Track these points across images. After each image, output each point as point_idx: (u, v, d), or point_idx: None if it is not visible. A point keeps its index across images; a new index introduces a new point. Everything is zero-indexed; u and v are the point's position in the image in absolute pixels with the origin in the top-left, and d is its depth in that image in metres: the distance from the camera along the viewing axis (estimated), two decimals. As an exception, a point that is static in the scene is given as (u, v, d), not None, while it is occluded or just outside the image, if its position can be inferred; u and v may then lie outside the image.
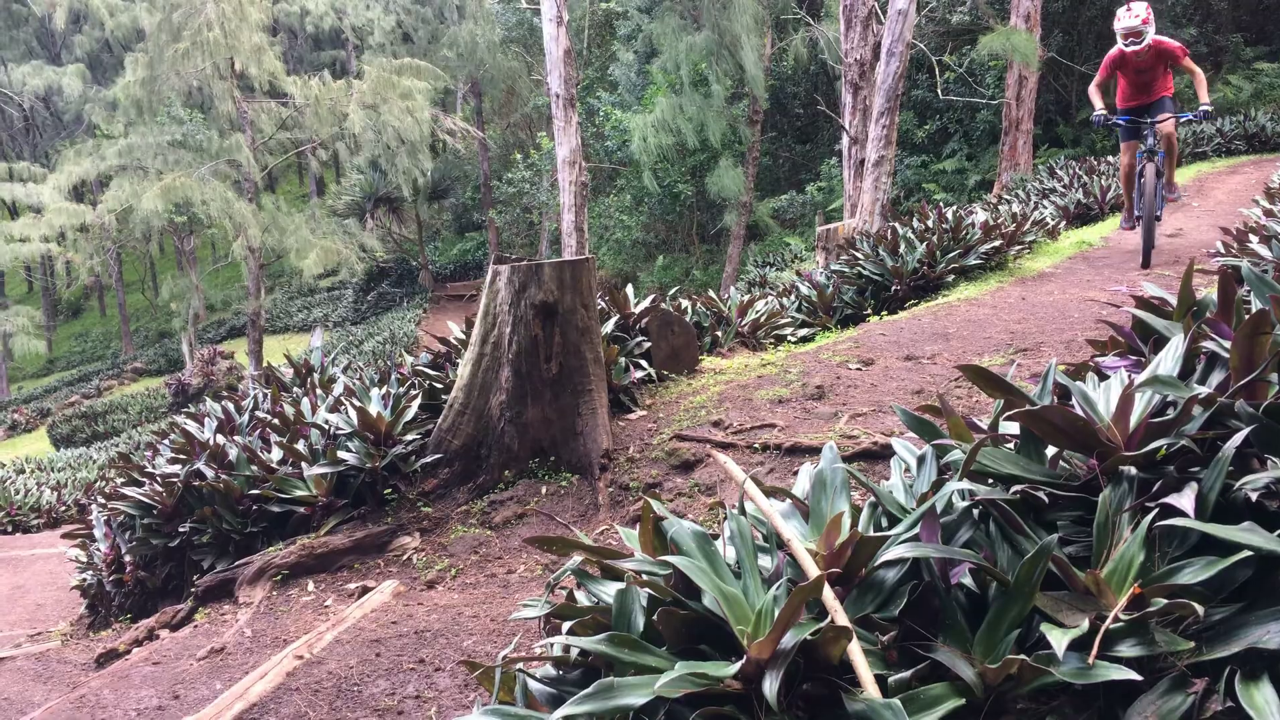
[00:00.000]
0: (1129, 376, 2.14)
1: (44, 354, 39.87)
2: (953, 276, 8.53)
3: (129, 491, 5.90)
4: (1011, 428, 2.11)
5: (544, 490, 5.11)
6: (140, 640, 5.00)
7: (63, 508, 13.77)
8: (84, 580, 6.64)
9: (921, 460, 2.10)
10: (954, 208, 10.45)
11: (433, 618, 4.01)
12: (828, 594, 1.68)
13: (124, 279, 48.27)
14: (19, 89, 32.65)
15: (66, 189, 29.34)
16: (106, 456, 19.38)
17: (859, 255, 9.00)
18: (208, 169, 25.06)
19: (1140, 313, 2.84)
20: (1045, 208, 11.91)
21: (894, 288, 8.42)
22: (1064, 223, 11.29)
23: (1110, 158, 16.03)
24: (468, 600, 4.21)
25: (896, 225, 9.79)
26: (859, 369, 5.68)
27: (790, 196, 25.21)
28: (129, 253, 48.01)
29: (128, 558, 5.91)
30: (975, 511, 1.90)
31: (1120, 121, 8.27)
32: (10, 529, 12.84)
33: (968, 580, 1.77)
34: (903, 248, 8.79)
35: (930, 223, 9.42)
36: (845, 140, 15.33)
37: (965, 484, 1.88)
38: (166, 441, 6.77)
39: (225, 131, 26.37)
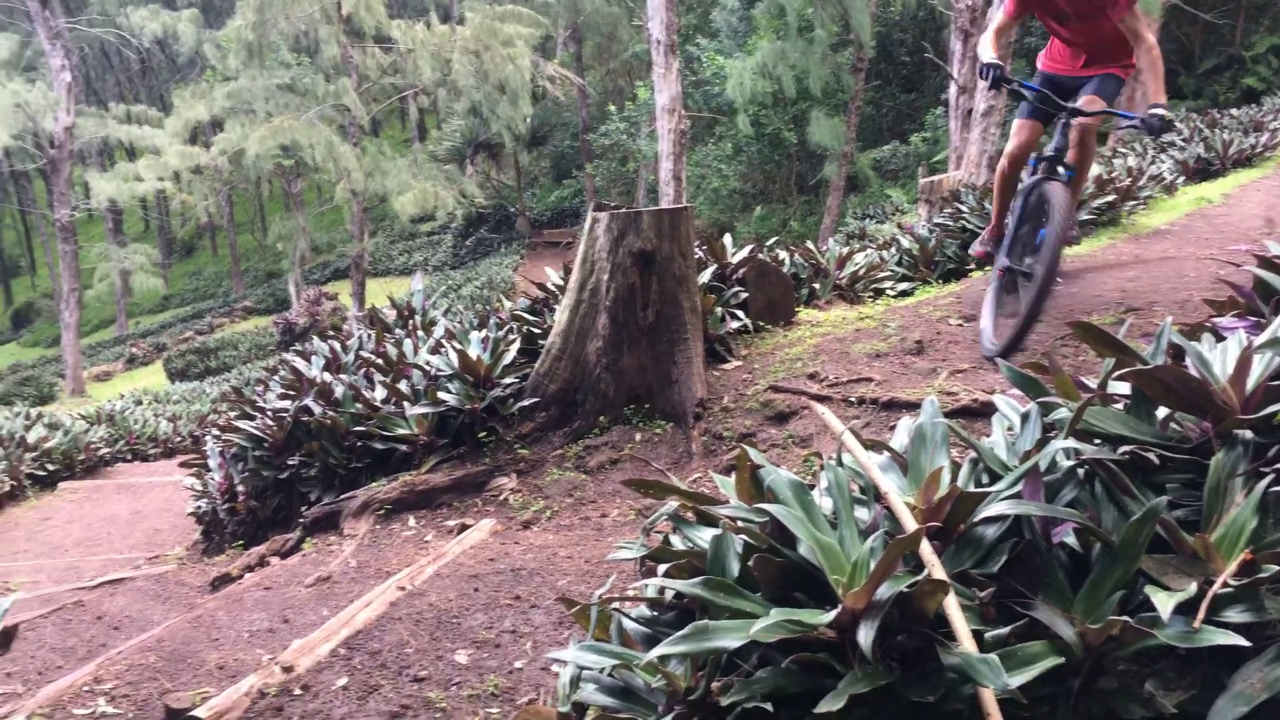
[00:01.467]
0: (1248, 338, 2.06)
1: (160, 291, 41.37)
2: (1061, 232, 8.27)
3: (242, 425, 6.14)
4: (1121, 387, 2.06)
5: (638, 437, 5.16)
6: (251, 566, 5.23)
7: (178, 438, 14.39)
8: (199, 508, 6.96)
9: (1025, 418, 2.07)
10: (1066, 160, 10.08)
11: (528, 557, 4.11)
12: (925, 548, 1.67)
13: (235, 220, 49.76)
14: (137, 32, 33.59)
15: (181, 131, 30.26)
16: (218, 391, 20.12)
17: (964, 208, 8.78)
18: (314, 113, 25.55)
19: (1262, 272, 2.73)
20: (1163, 162, 11.42)
21: (999, 242, 8.20)
22: (1182, 178, 10.81)
23: (1234, 110, 15.21)
24: (562, 541, 4.30)
25: (1004, 178, 9.49)
26: (960, 325, 5.58)
27: (893, 147, 24.66)
28: (240, 194, 49.45)
29: (240, 488, 6.17)
30: (1080, 471, 1.87)
31: (1027, 89, 5.11)
32: (130, 457, 13.46)
33: (1070, 540, 1.74)
34: (1010, 201, 8.55)
35: (1040, 176, 9.12)
36: (953, 89, 14.90)
37: (1071, 443, 1.85)
38: (276, 378, 7.01)
39: (331, 76, 26.80)
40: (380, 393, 5.78)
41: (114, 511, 9.85)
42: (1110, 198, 8.42)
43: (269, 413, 6.07)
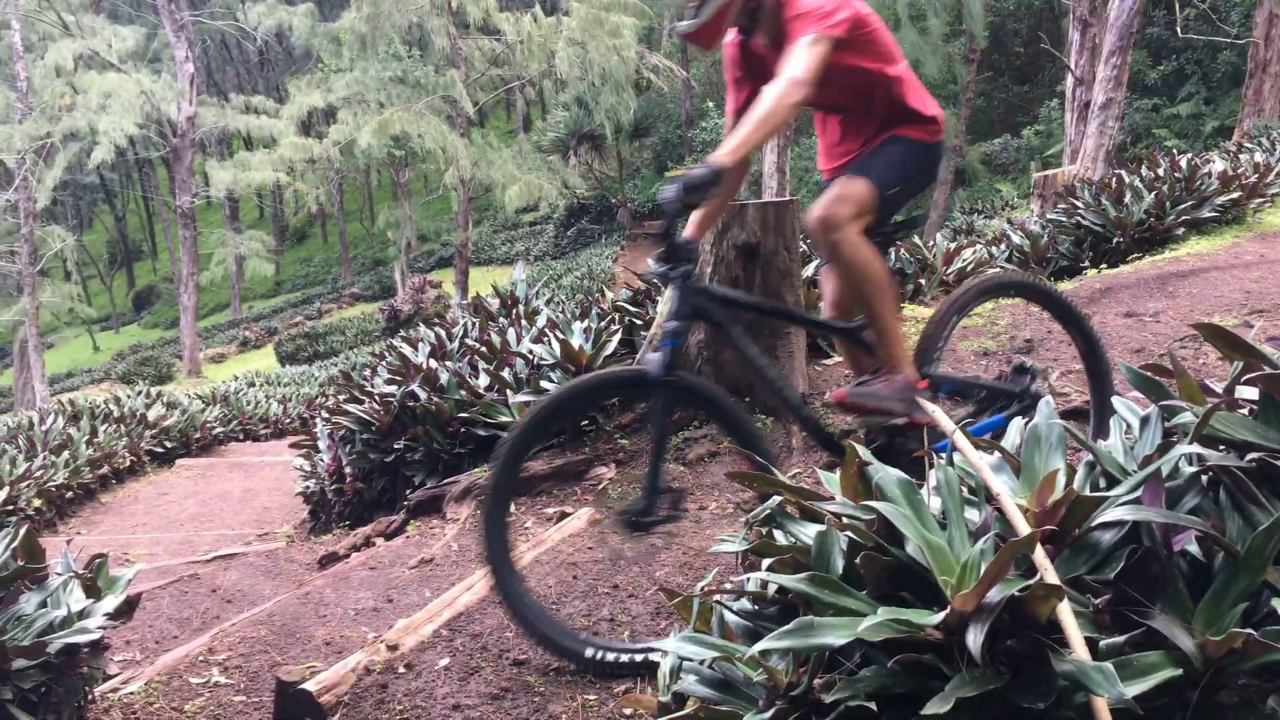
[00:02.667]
0: (1389, 344, 1.96)
1: (272, 276, 42.75)
2: (1182, 229, 7.97)
3: (350, 408, 6.31)
4: (1248, 392, 1.98)
5: (738, 430, 5.15)
6: (358, 546, 5.38)
7: (287, 420, 14.86)
8: (307, 488, 7.18)
9: (1145, 421, 2.00)
10: (1188, 155, 9.72)
11: (626, 546, 4.14)
12: (1039, 551, 1.63)
13: (344, 208, 51.11)
14: (255, 25, 34.75)
15: (296, 121, 31.18)
16: (326, 374, 20.71)
17: (1079, 204, 8.53)
18: (424, 104, 26.06)
19: (1406, 275, 2.59)
20: (1294, 157, 10.91)
21: (1115, 240, 7.94)
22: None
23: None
24: (660, 532, 4.31)
25: (1123, 173, 9.20)
26: (1073, 324, 5.42)
27: (1004, 140, 24.06)
28: (350, 183, 50.79)
29: (347, 469, 6.35)
30: (1203, 478, 1.80)
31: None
32: (242, 436, 13.96)
33: (1192, 548, 1.68)
34: (1128, 197, 8.27)
35: (1161, 171, 8.81)
36: (1070, 81, 14.46)
37: (1195, 448, 1.78)
38: (384, 363, 7.19)
39: (440, 68, 27.29)
40: (484, 380, 5.88)
41: (227, 489, 10.23)
42: (1235, 195, 8.09)
43: (376, 397, 6.23)
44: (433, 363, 6.36)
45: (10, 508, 8.43)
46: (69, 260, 31.91)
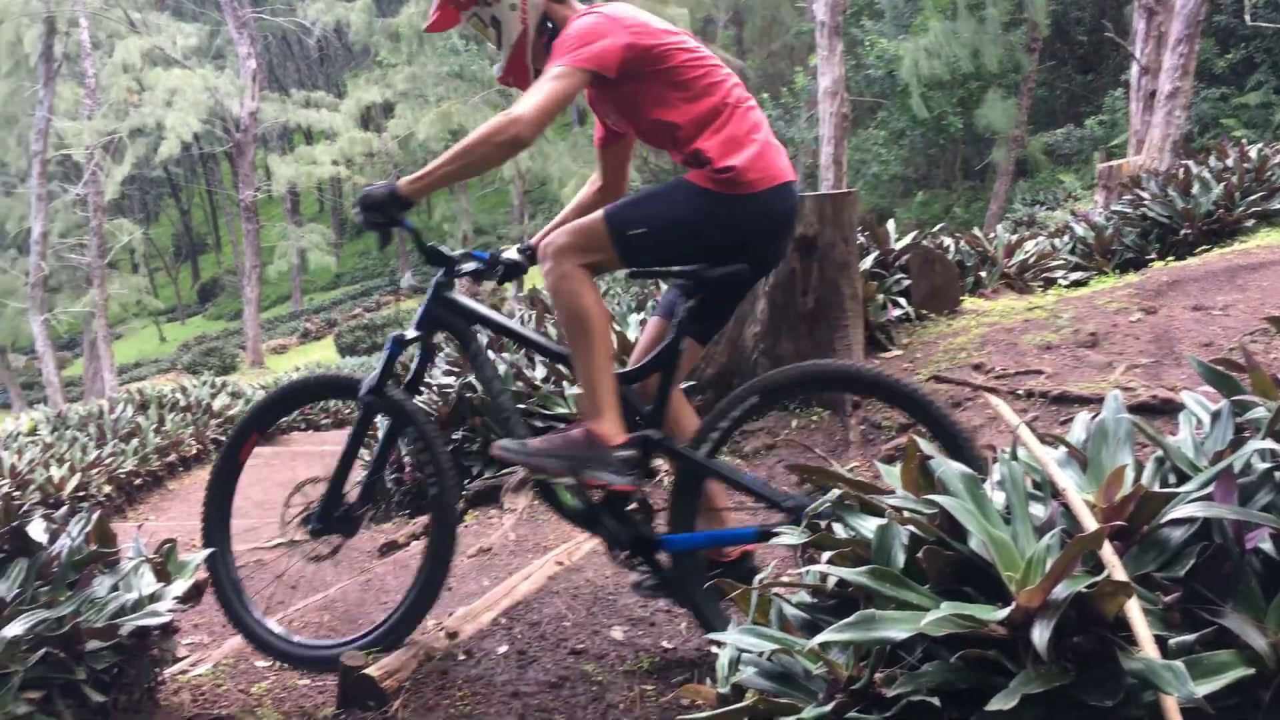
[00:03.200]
0: None
1: (332, 269, 43.40)
2: (1253, 221, 7.77)
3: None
4: (1325, 388, 1.93)
5: (794, 423, 5.13)
6: (416, 535, 5.45)
7: (347, 410, 15.07)
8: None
9: (1216, 416, 1.96)
10: (1258, 145, 9.46)
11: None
12: (1106, 548, 1.61)
13: (402, 202, 51.55)
14: (314, 21, 35.25)
15: (355, 116, 31.58)
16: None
17: (1144, 195, 8.35)
18: (480, 98, 26.25)
19: None
20: (1370, 146, 10.57)
21: (1183, 231, 7.76)
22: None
23: None
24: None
25: (1190, 164, 8.99)
26: (1139, 318, 5.32)
27: (1066, 130, 23.58)
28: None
29: (407, 459, 6.42)
30: (1277, 475, 1.76)
31: None
32: (304, 426, 14.19)
33: (1266, 546, 1.65)
34: (1196, 188, 8.08)
35: (1230, 161, 8.59)
36: (1134, 70, 14.15)
37: (1269, 444, 1.75)
38: (442, 355, 7.26)
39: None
40: (540, 372, 5.91)
41: (289, 477, 10.36)
42: (1308, 184, 7.87)
43: (435, 388, 6.30)
44: (490, 354, 6.40)
45: (82, 494, 8.66)
46: (136, 253, 32.69)
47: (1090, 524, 1.68)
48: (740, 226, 2.85)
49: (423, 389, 3.10)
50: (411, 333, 3.17)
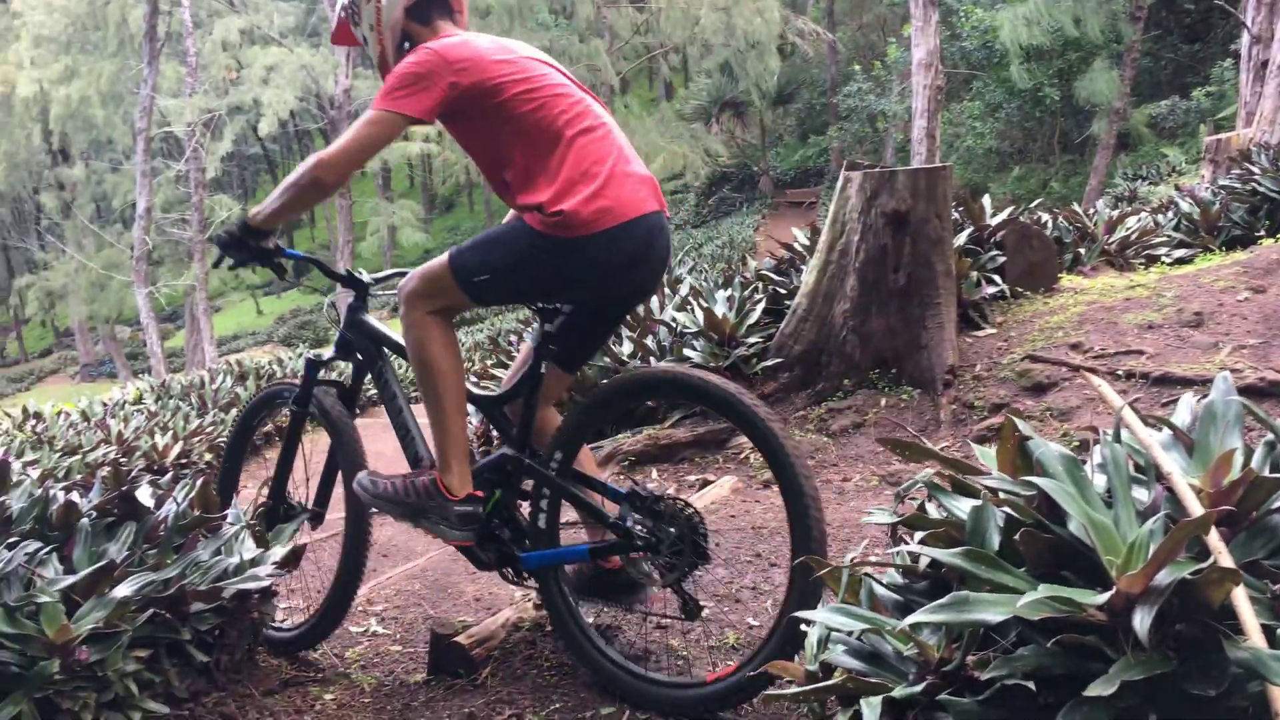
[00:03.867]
0: None
1: (422, 244, 43.98)
2: (1371, 196, 7.41)
3: (497, 373, 6.47)
4: None
5: (883, 402, 5.07)
6: (504, 507, 5.52)
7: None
8: (456, 449, 7.39)
9: (1333, 400, 1.88)
10: (1380, 116, 9.00)
11: (768, 516, 4.13)
12: (1213, 534, 1.56)
13: (490, 177, 52.03)
14: None
15: (445, 93, 31.83)
16: (472, 340, 21.26)
17: (1254, 169, 8.01)
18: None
19: None
20: None
21: (1295, 207, 7.44)
22: None
23: None
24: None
25: (1304, 136, 8.59)
26: (1246, 297, 5.11)
27: (1171, 103, 22.70)
28: (495, 153, 51.64)
29: (494, 432, 6.51)
30: (1397, 461, 1.69)
31: None
32: (393, 398, 14.45)
33: (1385, 535, 1.58)
34: (1310, 161, 7.73)
35: (1348, 133, 8.20)
36: (1245, 39, 13.54)
37: (1390, 429, 1.68)
38: (529, 329, 7.33)
39: (585, 37, 27.47)
40: (627, 347, 5.93)
41: (381, 448, 10.59)
42: None
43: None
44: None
45: (184, 461, 8.97)
46: (235, 228, 33.36)
47: (1196, 509, 1.63)
48: (575, 269, 2.72)
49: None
50: (327, 354, 3.38)
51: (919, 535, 1.96)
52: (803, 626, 2.02)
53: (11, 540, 2.61)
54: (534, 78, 2.79)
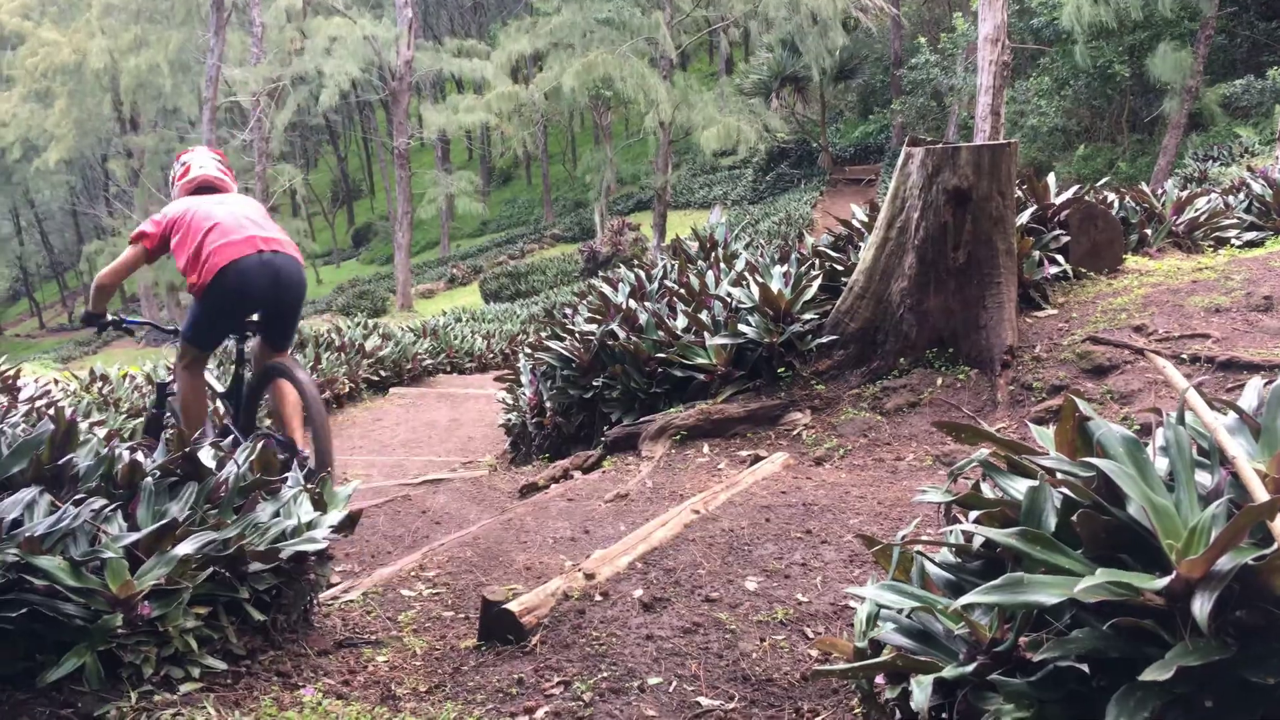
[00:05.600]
0: None
1: (480, 215, 44.22)
2: None
3: (552, 344, 6.50)
4: None
5: (939, 381, 5.01)
6: (556, 478, 5.56)
7: (490, 355, 15.45)
8: (509, 420, 7.46)
9: None
10: None
11: (820, 493, 4.11)
12: (1278, 520, 1.52)
13: (548, 151, 52.19)
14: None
15: (506, 65, 31.94)
16: (527, 312, 21.37)
17: (1333, 150, 7.76)
18: (628, 46, 26.17)
19: None
20: None
21: (1375, 190, 7.20)
22: None
23: None
24: (855, 481, 4.27)
25: (1387, 116, 8.29)
26: (1320, 281, 4.97)
27: (1246, 82, 22.00)
28: (554, 126, 51.75)
29: (548, 404, 6.55)
30: None
31: None
32: (449, 369, 14.61)
33: None
34: (1393, 143, 7.46)
35: None
36: (1329, 14, 13.09)
37: None
38: (585, 302, 7.35)
39: (647, 9, 27.30)
40: (681, 321, 5.93)
41: (434, 418, 10.76)
42: None
43: (577, 335, 6.39)
44: (632, 303, 6.45)
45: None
46: (297, 197, 33.93)
47: (1261, 494, 1.59)
48: (215, 304, 4.81)
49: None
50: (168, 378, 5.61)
51: (973, 515, 1.94)
52: (851, 602, 2.01)
53: (79, 497, 2.68)
54: (194, 220, 4.86)
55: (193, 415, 5.01)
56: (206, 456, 3.06)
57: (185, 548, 2.56)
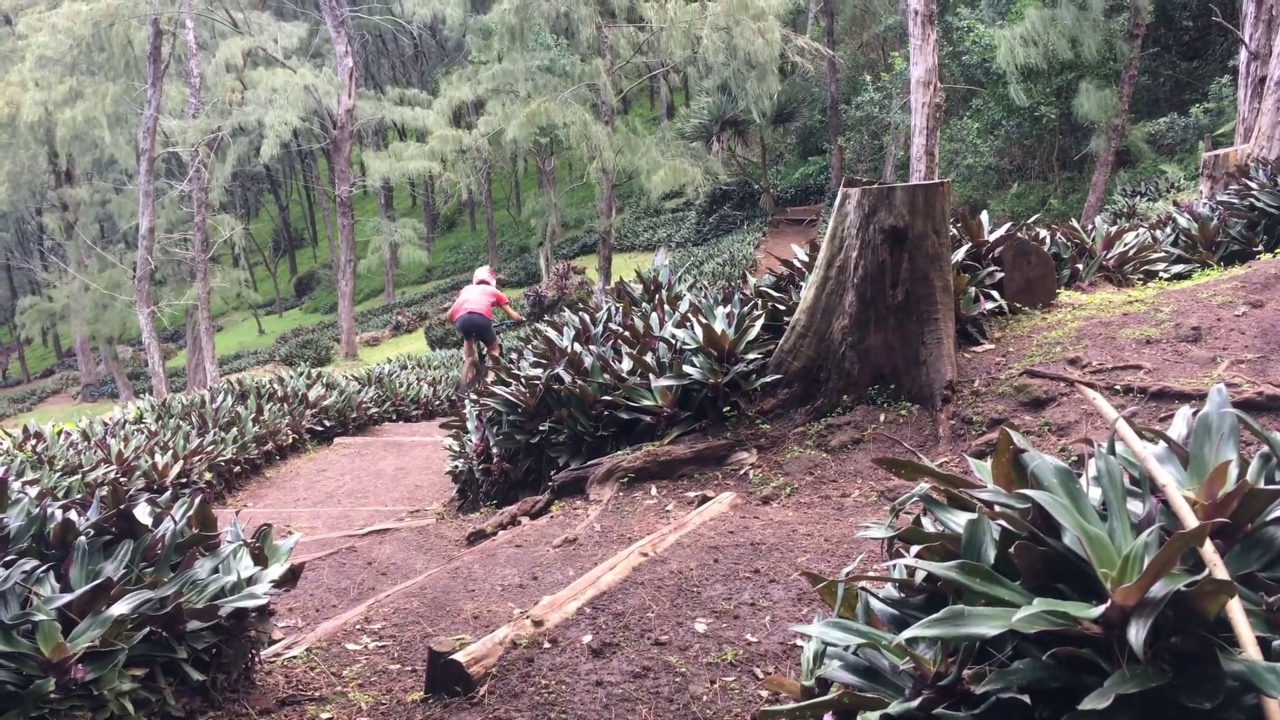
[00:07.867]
0: None
1: (424, 263, 44.05)
2: (1370, 211, 7.41)
3: (498, 390, 6.47)
4: None
5: (882, 418, 5.06)
6: (504, 524, 5.52)
7: (437, 402, 15.33)
8: (456, 467, 7.39)
9: (1328, 412, 1.88)
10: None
11: (767, 532, 4.12)
12: (1208, 546, 1.56)
13: (492, 196, 52.24)
14: (409, 18, 35.84)
15: (447, 113, 32.02)
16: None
17: (1252, 185, 8.02)
18: (570, 93, 26.39)
19: None
20: None
21: (1294, 222, 7.44)
22: None
23: None
24: (802, 519, 4.29)
25: (1302, 151, 8.60)
26: (1244, 311, 5.11)
27: (1170, 120, 22.76)
28: (497, 172, 51.87)
29: (495, 450, 6.51)
30: (1394, 474, 1.69)
31: None
32: (395, 417, 14.47)
33: (1380, 548, 1.58)
34: (1309, 177, 7.73)
35: (1346, 149, 8.20)
36: (1243, 55, 13.58)
37: (1385, 442, 1.67)
38: (530, 347, 7.33)
39: (587, 56, 27.57)
40: (627, 364, 5.94)
41: (381, 467, 10.63)
42: None
43: (523, 379, 6.37)
44: (577, 346, 6.46)
45: (184, 480, 8.96)
46: (237, 248, 33.57)
47: (1191, 521, 1.63)
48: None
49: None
50: None
51: (915, 549, 1.96)
52: (798, 640, 2.01)
53: (9, 558, 2.61)
54: None
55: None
56: (142, 514, 3.00)
57: (120, 608, 2.50)
